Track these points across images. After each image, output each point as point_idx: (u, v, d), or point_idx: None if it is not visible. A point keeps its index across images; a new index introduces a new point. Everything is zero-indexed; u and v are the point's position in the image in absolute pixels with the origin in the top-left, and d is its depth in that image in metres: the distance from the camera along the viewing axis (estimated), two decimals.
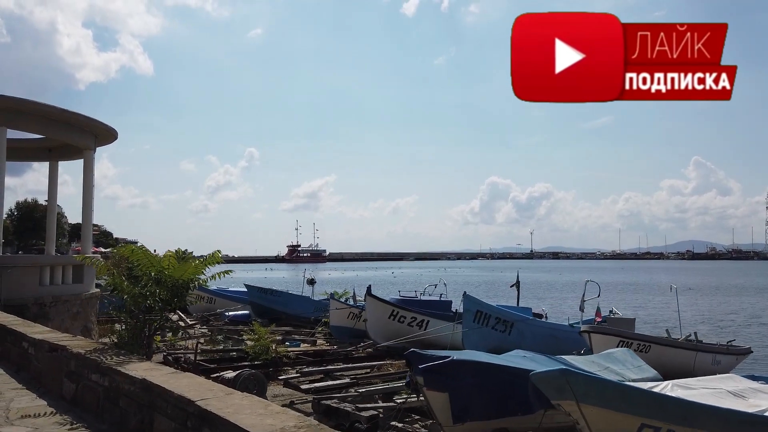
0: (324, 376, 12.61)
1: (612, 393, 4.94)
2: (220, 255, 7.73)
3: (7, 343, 9.38)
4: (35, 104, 14.96)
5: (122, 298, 7.47)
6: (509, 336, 14.80)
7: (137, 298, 7.22)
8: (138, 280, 7.34)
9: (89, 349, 6.89)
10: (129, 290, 7.28)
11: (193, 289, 7.54)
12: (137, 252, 7.33)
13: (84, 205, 17.51)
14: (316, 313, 24.22)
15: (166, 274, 7.23)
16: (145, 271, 7.30)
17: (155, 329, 7.48)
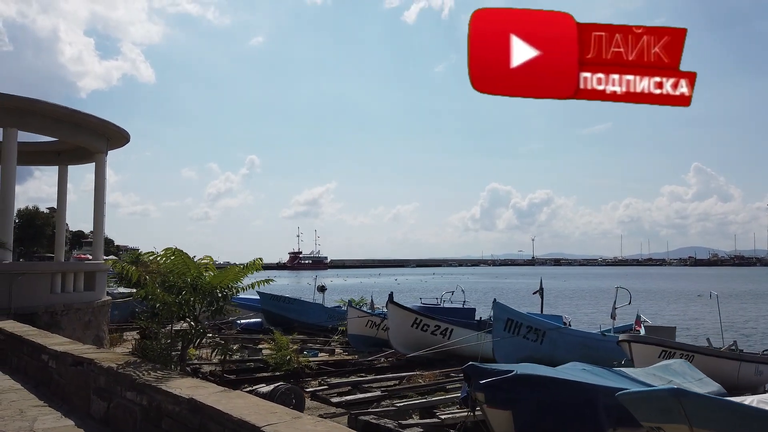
0: (352, 388, 12.00)
1: (734, 416, 4.35)
2: (261, 263, 7.14)
3: (23, 354, 8.77)
4: (46, 104, 14.42)
5: (154, 306, 6.87)
6: (541, 346, 14.18)
7: (172, 307, 6.62)
8: (171, 288, 6.75)
9: (120, 363, 6.28)
10: (163, 298, 6.69)
11: (230, 298, 6.93)
12: (175, 256, 6.73)
13: (96, 211, 16.93)
14: (329, 321, 23.58)
15: (204, 281, 6.64)
16: (181, 277, 6.70)
17: (190, 341, 6.87)
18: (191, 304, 6.73)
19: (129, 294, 28.72)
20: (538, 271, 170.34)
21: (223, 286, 6.74)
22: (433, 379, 12.66)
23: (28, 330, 9.75)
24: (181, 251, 6.67)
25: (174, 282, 6.73)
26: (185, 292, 6.63)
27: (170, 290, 6.73)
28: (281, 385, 8.44)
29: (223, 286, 6.74)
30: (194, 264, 6.67)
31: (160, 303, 6.73)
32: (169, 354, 6.69)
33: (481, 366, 6.72)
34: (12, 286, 13.32)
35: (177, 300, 6.66)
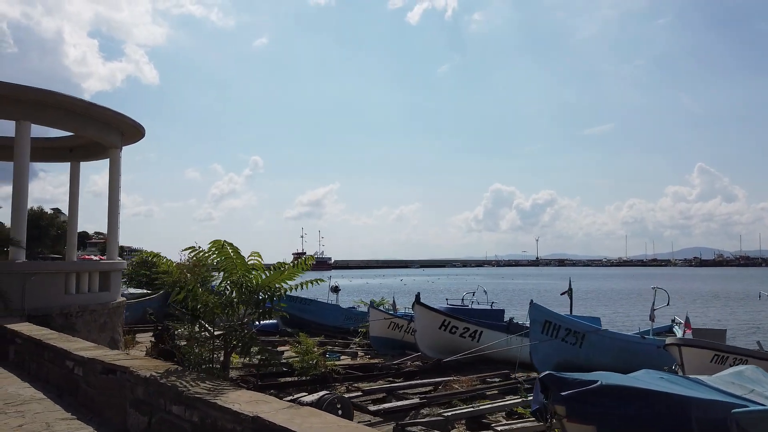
0: (387, 395, 11.32)
1: None
2: (313, 260, 6.48)
3: (44, 360, 8.11)
4: (61, 96, 13.76)
5: (194, 308, 6.20)
6: (580, 349, 13.48)
7: (215, 309, 5.95)
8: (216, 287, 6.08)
9: (160, 371, 5.61)
10: (205, 298, 6.02)
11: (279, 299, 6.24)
12: (219, 252, 6.05)
13: (110, 209, 16.26)
14: (346, 322, 22.91)
15: (252, 280, 5.97)
16: (227, 275, 6.03)
17: (234, 347, 6.20)
18: (235, 305, 6.06)
19: (140, 294, 28.17)
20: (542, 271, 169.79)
21: (271, 287, 6.06)
22: (470, 385, 11.96)
23: (48, 333, 9.09)
24: (230, 245, 5.99)
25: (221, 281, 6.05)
26: (234, 291, 5.96)
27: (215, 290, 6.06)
28: (327, 395, 7.77)
29: (271, 286, 6.06)
30: (243, 262, 5.99)
31: (202, 304, 6.06)
32: (212, 361, 6.02)
33: (561, 375, 6.04)
34: (25, 287, 12.69)
35: (221, 301, 5.99)
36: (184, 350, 6.26)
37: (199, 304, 6.11)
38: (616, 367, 13.70)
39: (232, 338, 6.14)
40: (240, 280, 6.01)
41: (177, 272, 6.24)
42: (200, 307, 6.13)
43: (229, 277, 6.04)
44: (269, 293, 6.07)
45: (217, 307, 6.05)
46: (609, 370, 13.49)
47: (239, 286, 6.03)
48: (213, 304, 6.01)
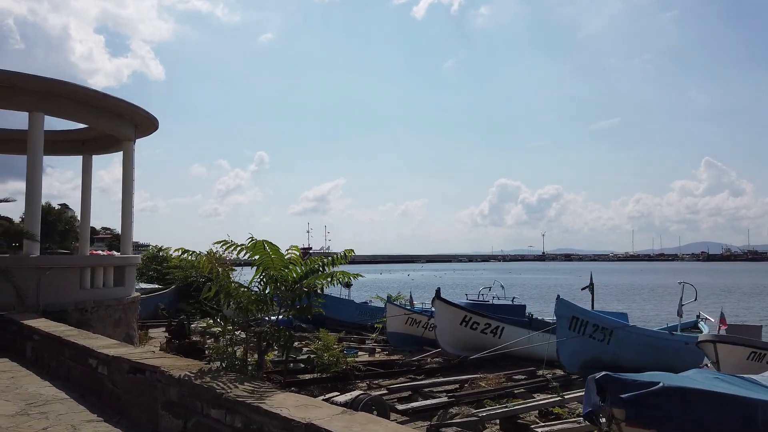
0: (412, 393, 10.99)
1: None
2: (352, 254, 6.13)
3: (64, 358, 7.80)
4: (75, 87, 13.44)
5: (227, 304, 5.86)
6: (608, 346, 13.09)
7: (249, 306, 5.61)
8: None
9: (194, 371, 5.28)
10: (239, 295, 5.67)
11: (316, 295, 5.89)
12: (258, 246, 5.69)
13: (124, 202, 15.97)
14: (361, 317, 22.59)
15: (289, 276, 5.62)
16: (265, 270, 5.68)
17: (269, 344, 5.86)
18: (270, 302, 5.73)
19: (151, 289, 27.94)
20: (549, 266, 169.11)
21: (309, 283, 5.71)
22: (497, 383, 11.61)
23: (66, 330, 8.79)
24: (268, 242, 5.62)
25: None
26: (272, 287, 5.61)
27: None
28: (361, 396, 7.43)
29: (309, 282, 5.71)
30: (280, 256, 5.63)
31: (235, 300, 5.72)
32: (246, 360, 5.68)
33: (619, 376, 5.66)
34: (40, 282, 12.41)
35: (257, 297, 5.65)
36: (216, 349, 5.92)
37: (232, 301, 5.76)
38: (646, 365, 13.34)
39: (268, 337, 5.80)
40: (277, 275, 5.66)
41: (208, 266, 5.88)
42: (232, 304, 5.79)
43: (266, 272, 5.69)
44: (306, 289, 5.72)
45: (251, 304, 5.71)
46: (638, 367, 13.16)
47: (275, 281, 5.68)
48: (248, 300, 5.67)
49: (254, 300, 5.69)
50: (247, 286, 5.80)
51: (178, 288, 26.92)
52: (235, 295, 5.68)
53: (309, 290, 5.71)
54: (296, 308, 5.78)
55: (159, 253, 30.47)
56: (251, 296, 5.69)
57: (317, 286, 5.78)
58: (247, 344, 5.85)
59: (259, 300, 5.71)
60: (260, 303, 5.72)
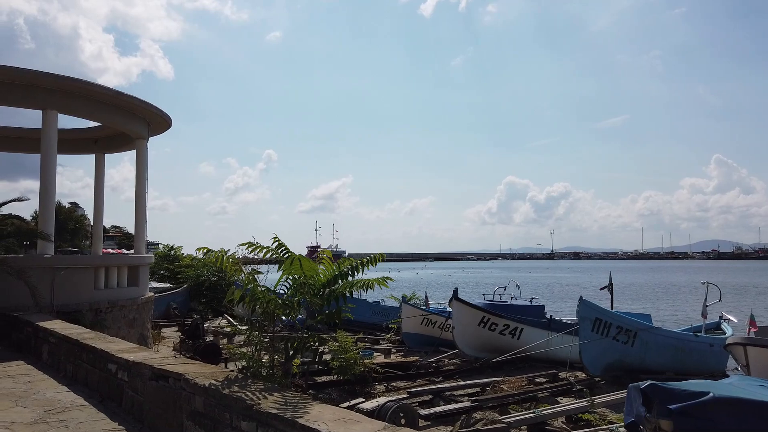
0: (434, 397, 10.73)
1: None
2: (383, 257, 5.88)
3: (82, 362, 7.60)
4: (88, 85, 13.27)
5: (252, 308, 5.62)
6: (632, 348, 12.78)
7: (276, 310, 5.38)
8: None
9: (220, 379, 5.04)
10: (265, 298, 5.44)
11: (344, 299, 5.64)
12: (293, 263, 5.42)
13: (137, 201, 15.80)
14: (374, 317, 22.35)
15: (318, 279, 5.38)
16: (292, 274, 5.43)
17: (297, 350, 5.62)
18: (296, 306, 5.49)
19: (163, 289, 27.85)
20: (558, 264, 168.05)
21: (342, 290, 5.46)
22: (519, 387, 11.33)
23: (83, 332, 8.60)
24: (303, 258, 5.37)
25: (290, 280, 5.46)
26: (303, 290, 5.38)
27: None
28: (389, 402, 7.17)
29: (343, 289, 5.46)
30: (312, 267, 5.38)
31: (262, 303, 5.48)
32: (273, 367, 5.45)
33: (667, 386, 5.39)
34: (54, 282, 12.25)
35: (284, 302, 5.41)
36: (242, 355, 5.68)
37: (258, 305, 5.52)
38: (670, 367, 13.06)
39: (297, 342, 5.56)
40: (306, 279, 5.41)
41: (231, 269, 5.64)
42: (258, 308, 5.55)
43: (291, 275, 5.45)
44: (336, 293, 5.47)
45: (278, 308, 5.47)
46: (663, 370, 12.87)
47: (301, 285, 5.44)
48: (275, 304, 5.43)
49: (281, 305, 5.45)
50: (272, 289, 5.56)
51: (189, 287, 26.84)
52: (262, 299, 5.44)
53: (338, 294, 5.46)
54: (325, 313, 5.54)
55: (171, 252, 30.37)
56: (278, 301, 5.45)
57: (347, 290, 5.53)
58: (273, 350, 5.61)
59: (287, 305, 5.46)
60: (287, 308, 5.48)
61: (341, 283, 5.47)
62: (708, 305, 14.52)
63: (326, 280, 5.43)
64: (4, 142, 17.73)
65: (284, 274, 5.45)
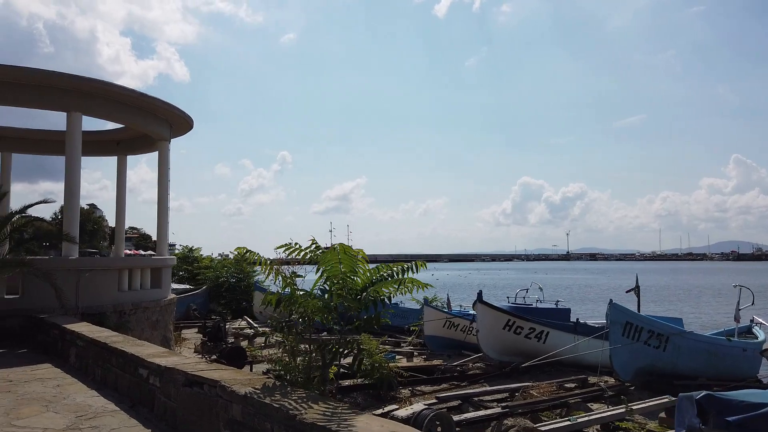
0: (462, 402, 10.52)
1: None
2: (424, 266, 5.70)
3: (112, 366, 7.51)
4: (112, 87, 13.27)
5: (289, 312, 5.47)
6: (664, 353, 12.45)
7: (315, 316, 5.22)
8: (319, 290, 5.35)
9: (257, 387, 4.89)
10: (304, 302, 5.28)
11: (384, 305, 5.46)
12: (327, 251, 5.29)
13: (159, 203, 15.77)
14: (394, 319, 22.14)
15: (355, 282, 5.22)
16: (332, 275, 5.28)
17: (334, 356, 5.46)
18: (334, 311, 5.34)
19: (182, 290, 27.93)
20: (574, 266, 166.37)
21: (377, 290, 5.29)
22: (549, 392, 11.08)
23: (111, 336, 8.53)
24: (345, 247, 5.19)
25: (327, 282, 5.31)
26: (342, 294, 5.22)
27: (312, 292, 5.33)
28: (425, 410, 6.98)
29: (378, 290, 5.29)
30: (350, 261, 5.22)
31: (300, 308, 5.33)
32: (310, 374, 5.29)
33: (723, 397, 5.14)
34: (79, 284, 12.25)
35: (324, 305, 5.25)
36: (280, 362, 5.54)
37: (294, 309, 5.37)
38: (702, 372, 12.70)
39: (335, 347, 5.40)
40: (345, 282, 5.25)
41: (270, 271, 5.47)
42: (294, 312, 5.40)
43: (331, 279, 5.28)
44: (373, 297, 5.30)
45: (316, 313, 5.31)
46: (695, 375, 12.51)
47: (341, 288, 5.28)
48: (313, 309, 5.27)
49: (319, 309, 5.28)
50: (310, 292, 5.40)
51: (209, 288, 26.89)
52: (301, 303, 5.28)
53: (376, 299, 5.28)
54: (363, 318, 5.37)
55: (189, 254, 30.47)
56: (316, 305, 5.29)
57: (384, 295, 5.35)
58: (311, 356, 5.45)
59: (325, 309, 5.30)
60: (325, 312, 5.32)
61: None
62: (741, 309, 14.12)
63: (365, 283, 5.26)
64: (24, 144, 17.84)
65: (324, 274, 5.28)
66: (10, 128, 17.31)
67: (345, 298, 5.24)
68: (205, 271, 27.88)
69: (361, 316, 5.44)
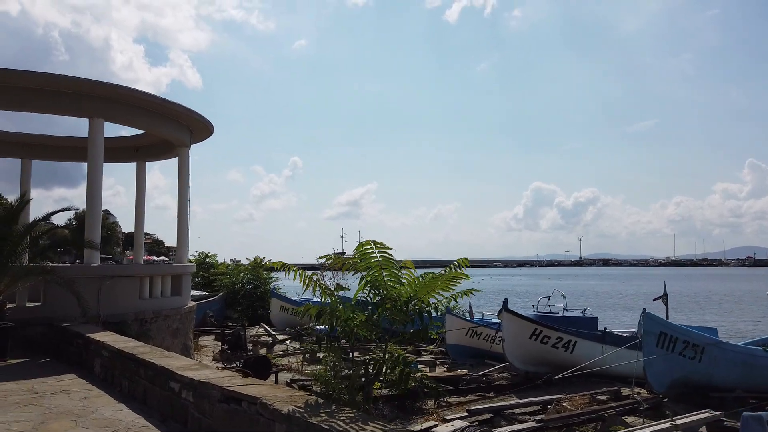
0: (494, 416, 10.19)
1: None
2: (467, 263, 5.44)
3: (140, 378, 7.30)
4: (134, 92, 13.16)
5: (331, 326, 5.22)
6: (699, 364, 12.02)
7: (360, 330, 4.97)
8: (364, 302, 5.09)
9: (299, 405, 4.64)
10: (347, 316, 5.03)
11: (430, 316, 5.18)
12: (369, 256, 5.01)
13: (180, 209, 15.63)
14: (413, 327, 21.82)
15: (401, 291, 4.95)
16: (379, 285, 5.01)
17: (378, 372, 5.19)
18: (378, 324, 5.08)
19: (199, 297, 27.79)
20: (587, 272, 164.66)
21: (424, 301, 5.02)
22: (582, 405, 10.71)
23: (137, 346, 8.32)
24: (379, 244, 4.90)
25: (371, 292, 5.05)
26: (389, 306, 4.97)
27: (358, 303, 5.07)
28: (468, 428, 6.69)
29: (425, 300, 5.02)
30: (394, 266, 4.95)
31: (341, 323, 5.07)
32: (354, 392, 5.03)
33: None
34: (100, 292, 12.09)
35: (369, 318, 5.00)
36: (322, 378, 5.28)
37: (337, 323, 5.12)
38: (738, 384, 12.26)
39: (380, 363, 5.14)
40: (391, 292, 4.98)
41: (308, 282, 5.20)
42: (338, 327, 5.14)
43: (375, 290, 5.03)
44: (418, 308, 5.03)
45: (361, 327, 5.05)
46: (732, 387, 12.08)
47: (385, 298, 5.01)
48: (356, 322, 5.02)
49: (362, 323, 5.03)
50: (351, 303, 5.14)
51: (225, 295, 26.73)
52: (343, 317, 5.03)
53: (421, 309, 5.01)
54: (410, 332, 5.10)
55: (205, 260, 30.36)
56: (360, 318, 5.03)
57: (431, 306, 5.08)
58: (355, 373, 5.19)
59: (369, 323, 5.04)
60: (370, 326, 5.06)
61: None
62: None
63: (411, 292, 4.99)
64: (44, 150, 17.77)
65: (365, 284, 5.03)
66: (29, 135, 17.28)
67: (390, 311, 4.98)
68: (222, 277, 27.73)
69: (407, 329, 5.16)
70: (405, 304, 5.01)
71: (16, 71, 11.69)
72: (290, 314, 24.51)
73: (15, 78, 11.74)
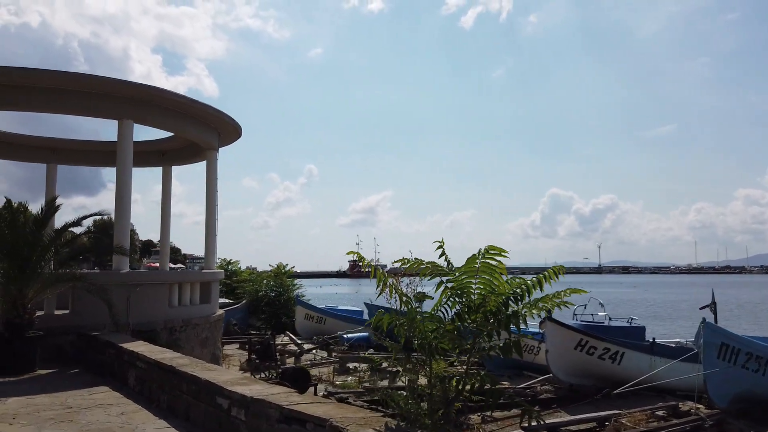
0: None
1: None
2: (564, 271, 4.85)
3: (180, 392, 6.76)
4: (164, 92, 12.78)
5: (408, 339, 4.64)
6: (764, 377, 11.27)
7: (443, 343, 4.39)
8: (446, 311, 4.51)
9: (377, 428, 4.06)
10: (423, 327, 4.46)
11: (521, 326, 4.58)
12: (470, 258, 4.42)
13: (207, 214, 15.19)
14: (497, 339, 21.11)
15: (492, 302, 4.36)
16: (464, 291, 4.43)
17: (460, 391, 4.60)
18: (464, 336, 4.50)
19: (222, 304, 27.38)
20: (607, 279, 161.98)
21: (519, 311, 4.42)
22: (641, 422, 9.99)
23: (175, 357, 7.81)
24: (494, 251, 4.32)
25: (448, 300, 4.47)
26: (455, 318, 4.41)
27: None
28: None
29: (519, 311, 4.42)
30: (490, 271, 4.36)
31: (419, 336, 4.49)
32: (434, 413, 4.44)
33: None
34: (130, 299, 11.64)
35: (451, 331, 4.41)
36: (398, 399, 4.70)
37: (414, 336, 4.54)
38: None
39: (461, 382, 4.55)
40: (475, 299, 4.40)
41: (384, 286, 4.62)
42: (416, 339, 4.56)
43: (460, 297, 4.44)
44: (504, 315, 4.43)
45: (444, 342, 4.47)
46: None
47: (469, 307, 4.43)
48: (437, 335, 4.43)
49: (447, 332, 4.45)
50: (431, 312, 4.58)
51: (248, 303, 26.29)
52: (421, 328, 4.47)
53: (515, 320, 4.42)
54: (499, 346, 4.51)
55: (227, 267, 29.96)
56: (441, 331, 4.46)
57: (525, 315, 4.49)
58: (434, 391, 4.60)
59: (454, 335, 4.47)
60: (455, 339, 4.49)
61: (519, 304, 4.43)
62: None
63: (501, 300, 4.40)
64: (71, 155, 17.46)
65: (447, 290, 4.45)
66: (55, 139, 17.01)
67: (478, 322, 4.39)
68: (244, 284, 27.31)
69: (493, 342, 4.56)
70: (494, 314, 4.41)
71: (38, 70, 11.34)
72: (314, 322, 23.98)
73: (38, 78, 11.39)
